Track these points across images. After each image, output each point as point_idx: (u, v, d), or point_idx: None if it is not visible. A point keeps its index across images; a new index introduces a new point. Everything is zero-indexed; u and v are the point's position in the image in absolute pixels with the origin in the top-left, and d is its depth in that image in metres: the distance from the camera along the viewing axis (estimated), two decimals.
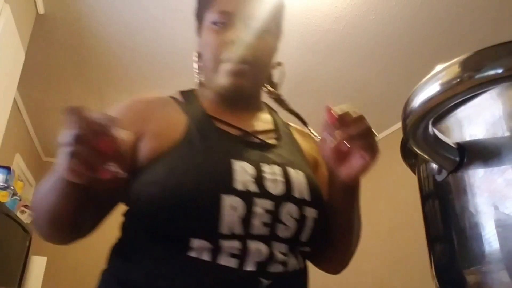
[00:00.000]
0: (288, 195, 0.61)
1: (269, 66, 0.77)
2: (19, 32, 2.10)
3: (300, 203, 0.62)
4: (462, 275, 0.39)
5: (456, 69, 0.32)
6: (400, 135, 0.47)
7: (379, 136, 3.35)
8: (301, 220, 0.62)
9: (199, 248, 0.57)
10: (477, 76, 0.31)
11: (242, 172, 0.61)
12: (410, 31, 2.49)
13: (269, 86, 0.82)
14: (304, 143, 0.78)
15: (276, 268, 0.59)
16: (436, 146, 0.39)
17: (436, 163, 0.41)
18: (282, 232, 0.60)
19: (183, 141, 0.63)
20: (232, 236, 0.57)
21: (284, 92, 0.85)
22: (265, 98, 0.82)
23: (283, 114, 0.84)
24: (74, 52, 2.98)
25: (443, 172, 0.41)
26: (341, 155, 0.59)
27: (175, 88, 0.83)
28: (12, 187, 2.56)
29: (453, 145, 0.39)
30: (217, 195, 0.57)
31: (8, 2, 1.86)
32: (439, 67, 0.34)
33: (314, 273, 0.76)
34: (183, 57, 2.95)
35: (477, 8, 2.27)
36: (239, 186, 0.59)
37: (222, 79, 0.69)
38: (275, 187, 0.61)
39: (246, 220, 0.57)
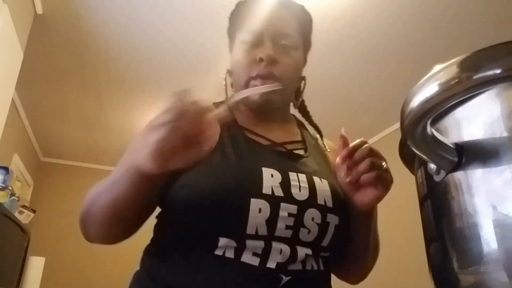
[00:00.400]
0: (312, 201, 0.65)
1: (296, 80, 0.80)
2: (17, 32, 2.10)
3: (323, 209, 0.66)
4: (460, 275, 0.39)
5: (454, 70, 0.32)
6: (398, 136, 0.47)
7: (378, 136, 3.35)
8: (323, 226, 0.66)
9: (225, 246, 0.61)
10: (475, 77, 0.31)
11: (270, 178, 0.65)
12: (409, 31, 2.50)
13: (295, 98, 0.86)
14: (332, 155, 0.82)
15: (295, 266, 0.63)
16: (434, 146, 0.39)
17: (434, 163, 0.41)
18: (304, 236, 0.64)
19: (217, 149, 0.67)
20: (256, 236, 0.61)
21: None
22: (292, 110, 0.87)
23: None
24: (72, 52, 2.98)
25: (441, 172, 0.41)
26: (355, 185, 0.66)
27: (174, 87, 0.83)
28: (10, 188, 2.56)
29: (451, 145, 0.39)
30: (247, 199, 0.61)
31: (6, 2, 1.85)
32: (437, 68, 0.34)
33: None
34: (182, 57, 2.95)
35: (476, 9, 2.27)
36: (267, 190, 0.63)
37: (254, 94, 0.73)
38: (300, 193, 0.65)
39: (271, 222, 0.62)
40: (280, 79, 0.73)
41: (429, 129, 0.37)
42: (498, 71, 0.30)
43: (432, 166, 0.42)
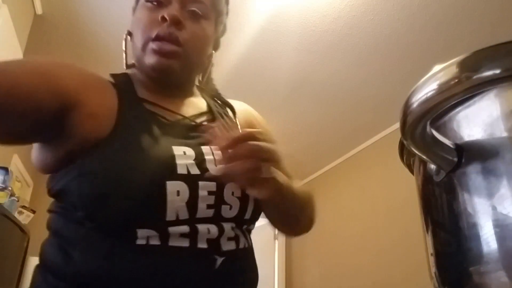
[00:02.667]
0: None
1: (202, 54, 0.72)
2: (17, 32, 2.10)
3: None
4: (460, 275, 0.39)
5: (454, 70, 0.33)
6: (398, 136, 0.48)
7: (378, 136, 3.36)
8: (243, 199, 0.61)
9: (146, 236, 0.54)
10: (475, 77, 0.31)
11: (183, 156, 0.59)
12: (408, 31, 2.50)
13: (202, 76, 0.78)
14: (246, 126, 0.76)
15: (229, 246, 0.59)
16: (434, 147, 0.39)
17: (434, 163, 0.41)
18: (226, 212, 0.60)
19: (118, 128, 0.59)
20: (178, 222, 0.56)
21: (283, 92, 0.87)
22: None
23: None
24: (72, 53, 2.98)
25: (441, 172, 0.41)
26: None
27: None
28: (9, 188, 2.56)
29: (451, 146, 0.39)
30: (162, 183, 0.55)
31: (6, 3, 1.85)
32: (437, 68, 0.34)
33: (314, 274, 0.77)
34: None
35: (475, 9, 2.27)
36: (182, 170, 0.57)
37: (150, 58, 0.65)
38: (217, 168, 0.59)
39: (192, 204, 0.57)
40: (183, 45, 0.65)
41: (428, 129, 0.38)
42: (498, 71, 0.30)
43: (432, 166, 0.42)
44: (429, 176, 0.44)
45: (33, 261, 3.06)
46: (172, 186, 0.55)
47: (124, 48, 0.72)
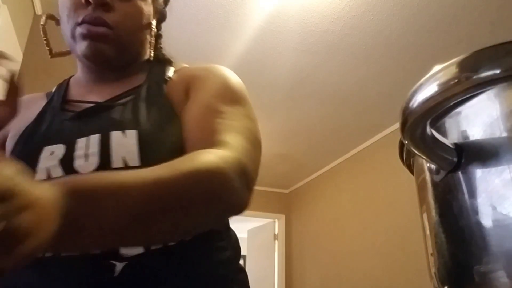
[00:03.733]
0: (104, 167, 0.50)
1: (139, 33, 0.66)
2: (17, 32, 2.10)
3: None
4: (460, 275, 0.39)
5: (453, 70, 0.33)
6: (398, 136, 0.47)
7: (378, 136, 3.35)
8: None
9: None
10: (474, 77, 0.31)
11: (49, 157, 0.52)
12: (408, 32, 2.50)
13: (153, 51, 0.71)
14: (178, 87, 0.64)
15: (131, 250, 0.49)
16: (434, 147, 0.39)
17: (434, 163, 0.41)
18: None
19: (28, 126, 0.58)
20: None
21: (282, 92, 0.87)
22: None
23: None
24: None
25: (441, 172, 0.41)
26: None
27: None
28: None
29: (451, 146, 0.39)
30: None
31: (6, 3, 1.85)
32: (437, 68, 0.34)
33: (314, 274, 0.76)
34: (180, 57, 2.95)
35: (475, 9, 2.27)
36: (41, 175, 0.51)
37: (80, 44, 0.60)
38: (87, 163, 0.51)
39: None
40: (113, 28, 0.59)
41: (428, 129, 0.38)
42: (497, 71, 0.30)
43: (432, 166, 0.42)
44: (429, 176, 0.44)
45: None
46: None
47: (43, 36, 0.66)
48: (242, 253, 0.62)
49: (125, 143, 0.51)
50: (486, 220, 0.35)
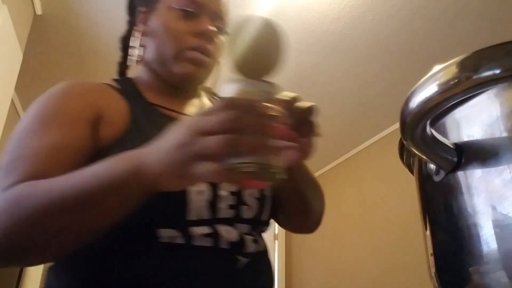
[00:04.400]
0: None
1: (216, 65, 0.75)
2: (17, 33, 2.10)
3: None
4: (460, 275, 0.39)
5: (453, 70, 0.33)
6: (398, 136, 0.47)
7: (378, 136, 3.35)
8: (261, 200, 0.62)
9: (167, 236, 0.54)
10: (474, 77, 0.31)
11: None
12: (408, 32, 2.50)
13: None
14: None
15: (251, 248, 0.60)
16: (434, 147, 0.39)
17: (434, 163, 0.41)
18: (245, 213, 0.60)
19: (131, 129, 0.60)
20: (200, 222, 0.56)
21: None
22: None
23: None
24: (72, 53, 2.98)
25: (441, 172, 0.41)
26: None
27: None
28: None
29: (450, 146, 0.39)
30: None
31: (6, 3, 1.85)
32: (437, 68, 0.34)
33: (314, 274, 0.77)
34: None
35: (475, 9, 2.27)
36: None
37: (185, 66, 0.67)
38: None
39: (213, 204, 0.57)
40: (211, 57, 0.69)
41: (428, 129, 0.38)
42: (497, 71, 0.30)
43: (432, 166, 0.42)
44: (429, 176, 0.44)
45: None
46: (194, 186, 0.56)
47: (125, 46, 0.74)
48: None
49: None
50: (486, 220, 0.35)
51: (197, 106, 0.74)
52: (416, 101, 0.35)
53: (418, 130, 0.37)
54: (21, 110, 3.86)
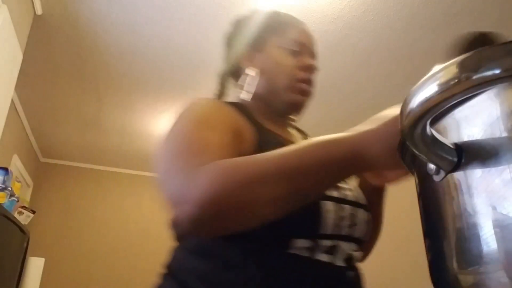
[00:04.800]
0: (357, 201, 0.73)
1: None
2: (17, 33, 2.10)
3: (360, 206, 0.73)
4: (460, 275, 0.39)
5: (453, 70, 0.32)
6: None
7: None
8: (367, 222, 0.74)
9: (300, 247, 0.64)
10: (474, 77, 0.31)
11: None
12: (408, 31, 2.50)
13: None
14: None
15: (356, 264, 0.72)
16: (434, 147, 0.39)
17: (434, 163, 0.41)
18: (357, 232, 0.71)
19: (259, 150, 0.64)
20: (327, 236, 0.66)
21: None
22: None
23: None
24: (72, 53, 2.98)
25: (441, 172, 0.41)
26: None
27: (174, 88, 0.84)
28: (9, 188, 2.56)
29: (450, 146, 0.39)
30: (318, 202, 0.65)
31: (6, 3, 1.85)
32: (437, 68, 0.34)
33: None
34: (182, 57, 2.95)
35: (475, 9, 2.27)
36: (334, 193, 0.69)
37: (296, 96, 0.80)
38: (347, 193, 0.71)
39: (339, 221, 0.67)
40: (313, 87, 0.83)
41: (428, 129, 0.37)
42: (497, 71, 0.30)
43: (432, 166, 0.42)
44: (429, 176, 0.44)
45: (33, 261, 3.06)
46: (325, 205, 0.66)
47: (248, 82, 0.84)
48: None
49: (352, 186, 0.78)
50: (486, 220, 0.35)
51: (295, 133, 0.88)
52: (416, 101, 0.35)
53: (418, 130, 0.37)
54: (21, 109, 3.85)
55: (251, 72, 0.83)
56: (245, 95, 0.84)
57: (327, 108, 3.25)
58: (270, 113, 0.83)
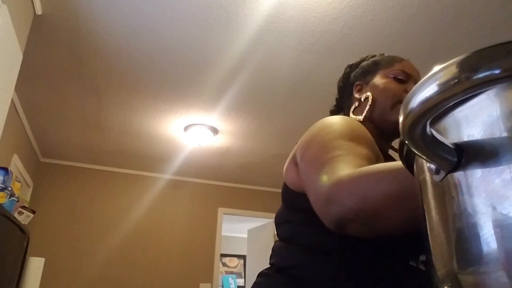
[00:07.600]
0: None
1: None
2: (17, 33, 2.10)
3: None
4: (460, 275, 0.39)
5: (453, 70, 0.32)
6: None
7: None
8: None
9: (418, 260, 0.71)
10: (474, 77, 0.31)
11: None
12: (408, 31, 2.50)
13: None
14: None
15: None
16: (434, 147, 0.39)
17: (434, 163, 0.41)
18: None
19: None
20: None
21: (282, 92, 0.92)
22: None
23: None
24: (71, 53, 2.98)
25: (441, 172, 0.41)
26: None
27: (174, 88, 0.83)
28: (9, 188, 2.56)
29: (450, 146, 0.39)
30: None
31: (6, 3, 1.85)
32: (437, 68, 0.34)
33: None
34: (181, 58, 2.95)
35: (475, 9, 2.27)
36: None
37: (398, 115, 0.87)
38: None
39: None
40: None
41: (428, 129, 0.37)
42: (497, 71, 0.30)
43: (432, 166, 0.42)
44: (429, 176, 0.44)
45: (33, 261, 3.06)
46: None
47: (368, 106, 0.99)
48: (242, 253, 0.78)
49: None
50: (486, 220, 0.35)
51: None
52: (416, 101, 0.35)
53: (418, 130, 0.37)
54: (21, 109, 3.85)
55: (362, 97, 1.01)
56: (356, 119, 0.96)
57: (328, 108, 3.25)
58: (377, 136, 0.93)
